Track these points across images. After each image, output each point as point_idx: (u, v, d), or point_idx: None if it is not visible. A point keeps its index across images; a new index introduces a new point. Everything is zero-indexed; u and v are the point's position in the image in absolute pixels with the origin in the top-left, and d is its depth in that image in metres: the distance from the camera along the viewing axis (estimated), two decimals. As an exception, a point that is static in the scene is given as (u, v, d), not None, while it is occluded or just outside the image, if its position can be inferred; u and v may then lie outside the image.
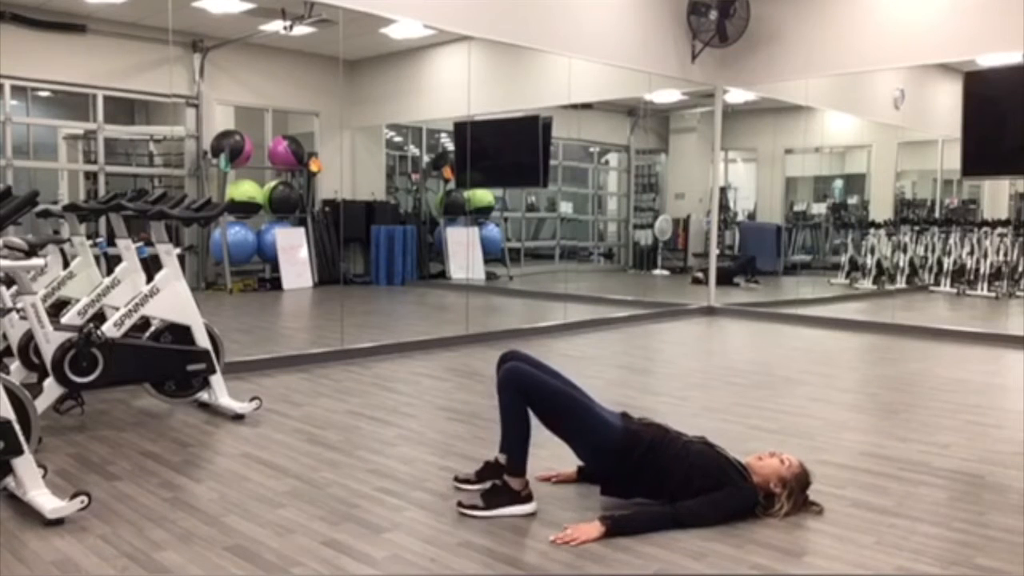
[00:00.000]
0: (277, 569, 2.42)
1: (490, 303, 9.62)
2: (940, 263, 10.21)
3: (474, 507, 2.83)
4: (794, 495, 2.82)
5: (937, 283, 10.20)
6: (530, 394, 2.86)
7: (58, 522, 2.69)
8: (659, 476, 2.85)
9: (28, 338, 3.87)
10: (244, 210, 10.04)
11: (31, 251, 3.22)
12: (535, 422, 2.88)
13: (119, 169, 9.65)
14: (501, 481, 2.87)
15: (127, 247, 4.25)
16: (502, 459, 2.97)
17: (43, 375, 3.73)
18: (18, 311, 3.57)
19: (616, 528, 2.61)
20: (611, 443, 2.88)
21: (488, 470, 3.05)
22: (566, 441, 2.96)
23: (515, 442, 2.87)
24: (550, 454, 3.25)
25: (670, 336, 7.39)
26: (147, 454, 3.50)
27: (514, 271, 12.05)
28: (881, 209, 10.73)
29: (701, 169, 12.09)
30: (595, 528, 2.60)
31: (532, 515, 2.82)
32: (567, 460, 3.16)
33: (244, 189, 10.03)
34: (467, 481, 3.08)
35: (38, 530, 2.66)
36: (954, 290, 9.97)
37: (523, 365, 2.97)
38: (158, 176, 10.12)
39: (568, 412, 2.89)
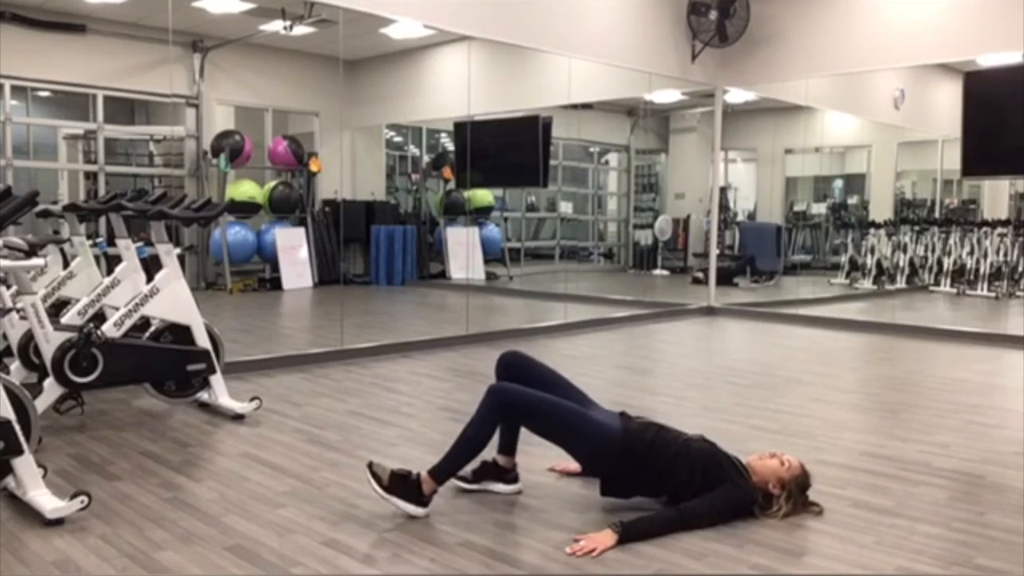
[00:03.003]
0: (277, 569, 2.42)
1: (490, 303, 9.62)
2: (940, 263, 10.21)
3: (379, 480, 2.79)
4: (793, 497, 2.82)
5: (937, 283, 10.20)
6: (522, 416, 2.87)
7: (58, 522, 2.69)
8: (659, 475, 2.85)
9: (28, 338, 3.87)
10: (244, 210, 10.04)
11: (31, 251, 3.22)
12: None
13: (119, 169, 9.65)
14: (417, 476, 2.83)
15: (127, 247, 4.25)
16: (500, 460, 2.97)
17: (43, 375, 3.73)
18: (18, 311, 3.57)
19: (627, 534, 2.60)
20: (610, 446, 2.88)
21: (485, 470, 3.04)
22: (565, 450, 2.97)
23: (462, 452, 2.85)
24: (551, 454, 3.25)
25: (670, 336, 7.39)
26: (147, 454, 3.50)
27: (514, 271, 12.05)
28: (881, 209, 10.73)
29: (701, 169, 12.09)
30: (609, 536, 2.58)
31: (424, 518, 2.77)
32: (565, 459, 3.17)
33: (244, 189, 10.03)
34: (463, 479, 3.07)
35: (38, 530, 2.66)
36: (954, 290, 9.97)
37: (508, 385, 2.94)
38: (158, 176, 10.11)
39: (561, 423, 2.89)
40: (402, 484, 2.80)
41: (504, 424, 2.99)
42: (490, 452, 3.02)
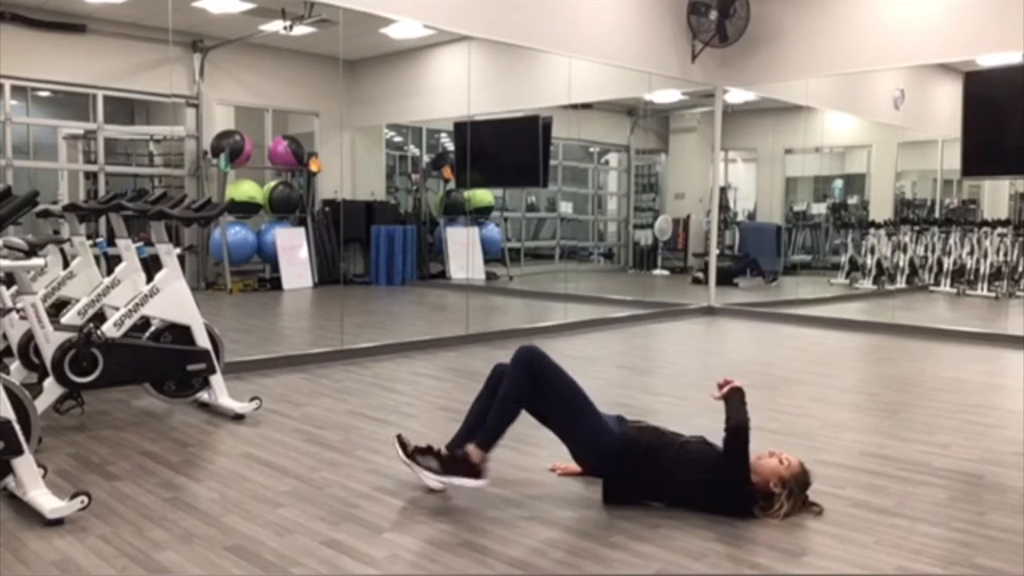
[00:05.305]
0: (277, 569, 2.42)
1: (490, 303, 9.62)
2: (940, 263, 10.21)
3: (430, 468, 2.84)
4: (794, 495, 2.82)
5: (937, 283, 10.20)
6: (541, 377, 2.89)
7: (58, 522, 2.69)
8: (658, 478, 2.86)
9: (28, 338, 3.87)
10: (244, 210, 10.04)
11: (31, 251, 3.21)
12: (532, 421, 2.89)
13: (119, 169, 9.66)
14: (463, 451, 2.87)
15: (127, 247, 4.25)
16: (459, 454, 2.94)
17: (43, 375, 3.73)
18: (18, 311, 3.56)
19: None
20: (609, 446, 2.88)
21: (423, 454, 3.03)
22: (564, 439, 2.97)
23: (499, 419, 2.88)
24: (550, 454, 3.25)
25: (670, 336, 7.39)
26: (147, 454, 3.50)
27: (514, 271, 12.05)
28: (881, 209, 10.73)
29: (701, 169, 12.09)
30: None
31: (484, 489, 2.84)
32: (566, 459, 3.16)
33: (244, 189, 10.03)
34: (403, 447, 3.04)
35: (38, 530, 2.65)
36: (954, 290, 9.97)
37: (540, 349, 2.99)
38: (158, 176, 10.12)
39: (572, 406, 2.91)
40: (454, 463, 2.85)
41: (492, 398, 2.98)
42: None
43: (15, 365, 4.01)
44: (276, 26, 8.35)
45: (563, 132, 11.36)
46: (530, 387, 2.86)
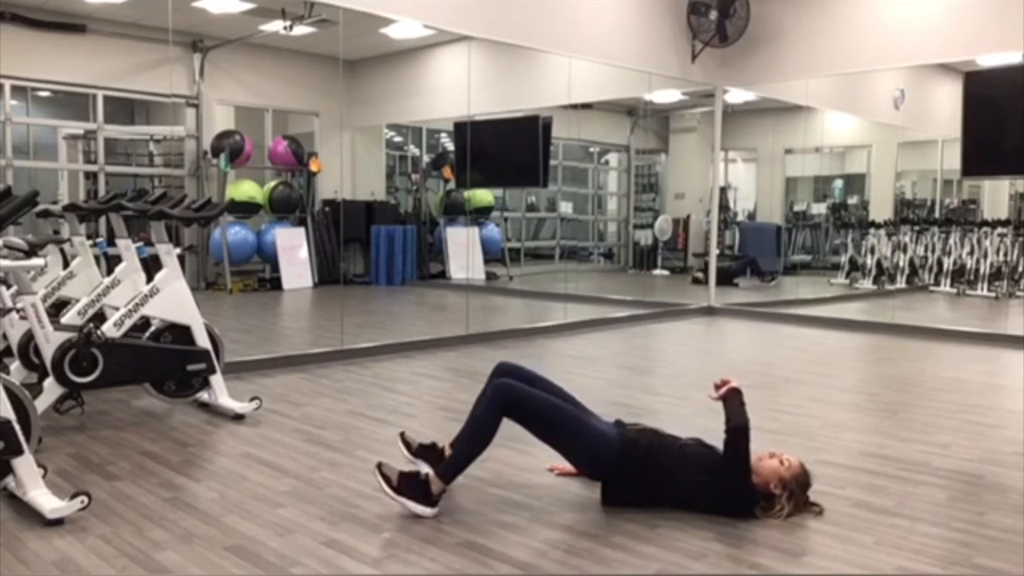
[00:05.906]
0: (277, 569, 2.42)
1: (490, 303, 9.62)
2: (940, 263, 10.21)
3: (388, 481, 2.81)
4: (794, 496, 2.82)
5: (937, 283, 10.20)
6: (522, 411, 2.87)
7: (58, 522, 2.69)
8: (658, 480, 2.85)
9: (28, 338, 3.87)
10: (244, 210, 10.04)
11: (31, 251, 3.21)
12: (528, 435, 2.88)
13: (119, 169, 9.66)
14: (425, 476, 2.85)
15: (127, 247, 4.25)
16: (449, 450, 2.97)
17: (43, 375, 3.73)
18: (18, 311, 3.56)
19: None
20: (608, 452, 2.88)
21: (427, 451, 3.06)
22: (563, 454, 2.98)
23: (465, 454, 2.87)
24: (549, 454, 3.24)
25: (670, 336, 7.39)
26: (147, 454, 3.50)
27: (514, 271, 12.05)
28: (881, 209, 10.73)
29: (701, 169, 12.09)
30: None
31: (431, 518, 2.77)
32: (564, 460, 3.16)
33: (244, 189, 10.03)
34: (407, 445, 3.13)
35: (38, 530, 2.65)
36: (954, 290, 9.97)
37: (514, 382, 2.96)
38: (158, 176, 10.12)
39: (562, 426, 2.90)
40: (412, 484, 2.81)
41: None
42: (446, 437, 3.06)
43: (15, 365, 4.01)
44: (276, 26, 8.35)
45: (563, 132, 11.36)
46: (501, 419, 2.85)
